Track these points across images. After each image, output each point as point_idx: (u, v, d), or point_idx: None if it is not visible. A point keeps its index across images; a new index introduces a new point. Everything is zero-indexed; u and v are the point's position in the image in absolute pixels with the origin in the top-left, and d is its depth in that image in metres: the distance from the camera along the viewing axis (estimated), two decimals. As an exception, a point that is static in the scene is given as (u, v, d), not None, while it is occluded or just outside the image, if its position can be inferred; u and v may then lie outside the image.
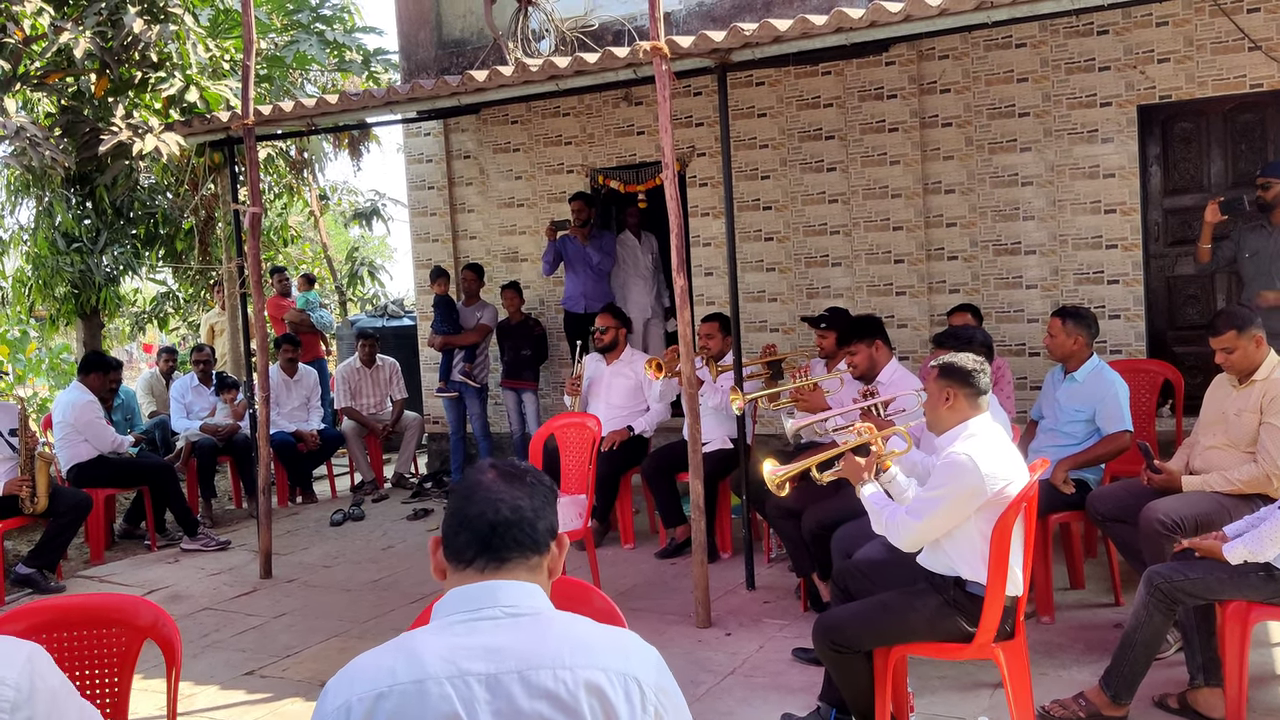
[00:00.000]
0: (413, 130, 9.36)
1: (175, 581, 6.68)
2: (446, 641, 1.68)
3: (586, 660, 1.67)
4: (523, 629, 1.70)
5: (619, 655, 1.70)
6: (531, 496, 1.80)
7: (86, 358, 7.97)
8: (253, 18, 6.50)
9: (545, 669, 1.65)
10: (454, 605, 1.73)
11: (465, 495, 1.80)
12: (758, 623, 5.19)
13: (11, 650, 1.90)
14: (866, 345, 5.12)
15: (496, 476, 1.81)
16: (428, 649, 1.67)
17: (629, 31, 7.75)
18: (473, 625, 1.70)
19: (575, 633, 1.72)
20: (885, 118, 7.45)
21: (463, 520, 1.77)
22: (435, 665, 1.64)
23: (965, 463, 3.47)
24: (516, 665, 1.65)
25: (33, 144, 6.47)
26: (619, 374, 6.92)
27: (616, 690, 1.66)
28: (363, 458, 9.08)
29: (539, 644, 1.68)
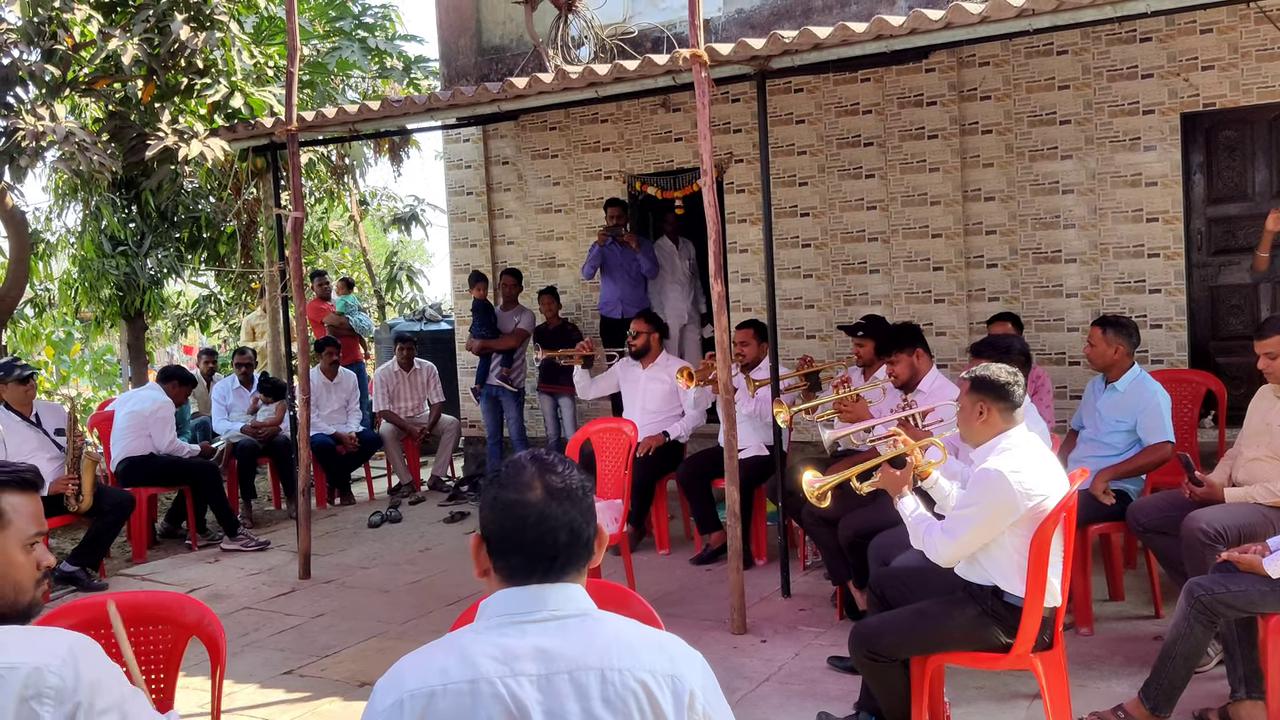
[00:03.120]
0: (452, 136, 9.44)
1: (215, 581, 6.77)
2: (497, 642, 1.70)
3: (634, 662, 1.69)
4: (571, 631, 1.72)
5: (665, 658, 1.73)
6: (580, 509, 1.79)
7: (171, 367, 8.20)
8: (296, 25, 6.59)
9: (594, 670, 1.68)
10: (502, 608, 1.74)
11: (518, 516, 1.76)
12: (793, 630, 5.19)
13: (55, 640, 1.93)
14: (907, 354, 5.10)
15: (545, 495, 1.76)
16: (479, 650, 1.69)
17: (667, 38, 7.78)
18: (523, 628, 1.72)
19: (623, 635, 1.74)
20: (925, 124, 7.43)
21: (518, 544, 1.75)
22: (488, 665, 1.67)
23: (998, 478, 3.45)
24: (566, 666, 1.68)
25: (81, 149, 6.59)
26: (654, 379, 6.93)
27: (664, 691, 1.69)
28: (400, 460, 9.15)
29: (588, 646, 1.70)
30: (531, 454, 1.84)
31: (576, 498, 1.79)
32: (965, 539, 3.53)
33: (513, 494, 1.77)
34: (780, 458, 5.72)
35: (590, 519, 1.81)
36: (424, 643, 4.31)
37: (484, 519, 1.81)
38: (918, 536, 3.70)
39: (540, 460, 1.83)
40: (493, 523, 1.79)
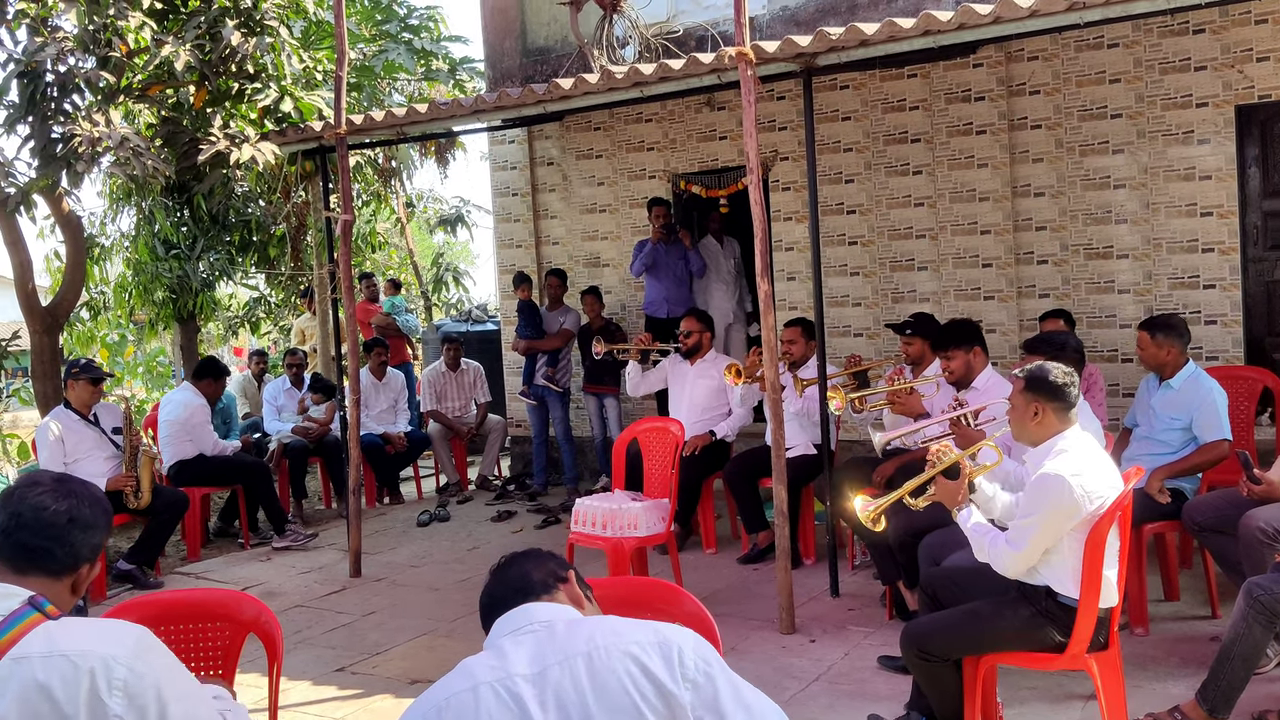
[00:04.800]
0: (498, 138, 9.50)
1: (268, 579, 6.86)
2: (494, 654, 1.89)
3: (617, 640, 1.84)
4: (559, 634, 1.89)
5: (650, 630, 1.87)
6: (517, 566, 2.07)
7: (202, 363, 8.29)
8: (345, 29, 6.66)
9: (580, 655, 1.82)
10: (498, 630, 1.96)
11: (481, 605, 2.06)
12: (842, 630, 5.16)
13: (122, 632, 1.97)
14: (964, 351, 5.04)
15: (490, 577, 2.09)
16: (478, 663, 1.88)
17: (712, 37, 7.77)
18: (516, 640, 1.90)
19: (607, 622, 1.91)
20: (973, 120, 7.36)
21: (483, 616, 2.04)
22: (485, 673, 1.85)
23: (1059, 483, 3.39)
24: (556, 659, 1.83)
25: (136, 154, 6.70)
26: (703, 376, 6.92)
27: (652, 656, 1.82)
28: (448, 460, 9.22)
29: (573, 637, 1.87)
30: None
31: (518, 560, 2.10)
32: (1030, 548, 3.47)
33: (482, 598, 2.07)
34: (828, 457, 5.69)
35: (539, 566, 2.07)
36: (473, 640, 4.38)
37: None
38: (981, 549, 3.62)
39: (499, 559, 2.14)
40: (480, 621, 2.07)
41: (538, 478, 8.93)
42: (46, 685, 1.85)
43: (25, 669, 1.86)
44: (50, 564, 2.01)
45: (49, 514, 2.02)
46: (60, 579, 2.04)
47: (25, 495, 2.04)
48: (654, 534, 5.66)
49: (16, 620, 1.91)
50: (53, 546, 2.01)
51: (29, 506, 2.02)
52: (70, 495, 2.07)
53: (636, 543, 5.59)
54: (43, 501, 2.03)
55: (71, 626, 1.94)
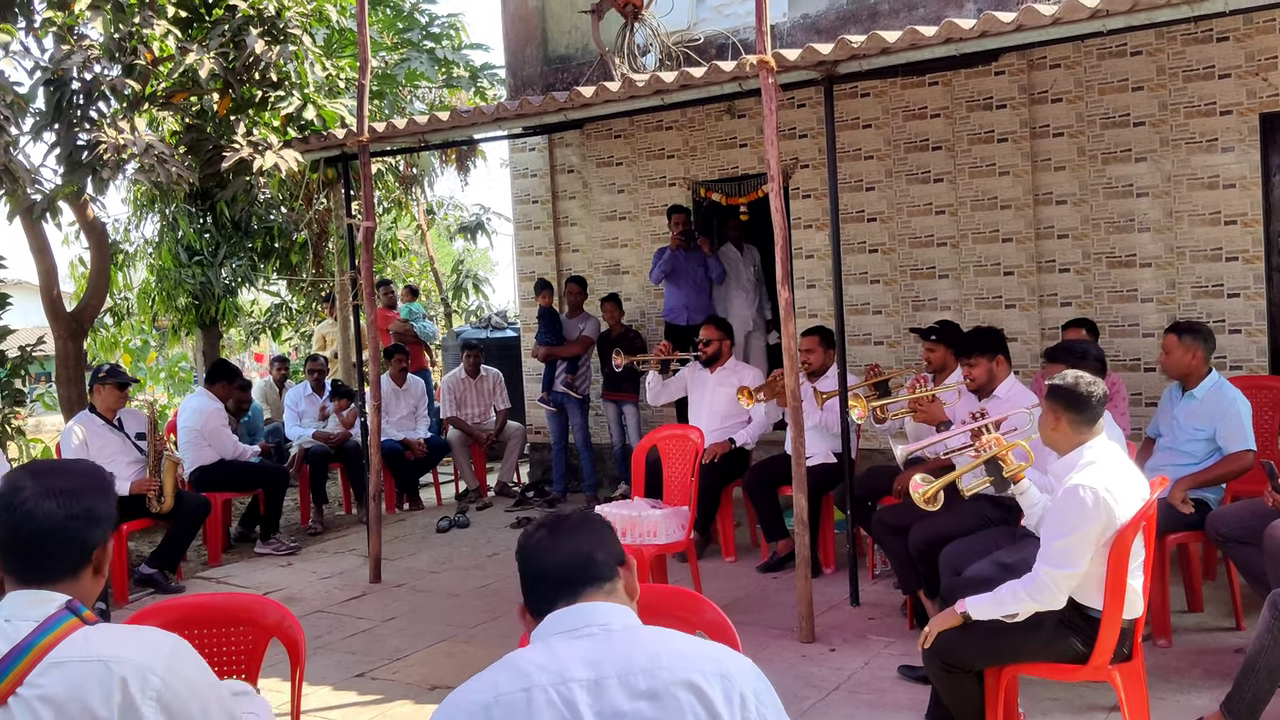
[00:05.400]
0: (518, 145, 9.53)
1: (288, 584, 6.89)
2: (547, 654, 1.79)
3: (682, 664, 1.76)
4: (617, 640, 1.80)
5: (713, 660, 1.79)
6: (579, 538, 1.94)
7: (214, 367, 8.35)
8: (368, 38, 6.70)
9: (642, 672, 1.74)
10: (551, 627, 1.86)
11: (526, 558, 1.94)
12: (862, 639, 5.15)
13: (158, 641, 1.97)
14: (988, 359, 5.02)
15: (546, 534, 1.95)
16: (530, 662, 1.78)
17: (733, 44, 7.78)
18: (571, 642, 1.81)
19: (669, 641, 1.82)
20: (994, 128, 7.34)
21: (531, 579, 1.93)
22: (539, 675, 1.75)
23: (1089, 499, 3.36)
24: (615, 670, 1.75)
25: (160, 161, 6.75)
26: (723, 383, 6.92)
27: (714, 689, 1.74)
28: (467, 466, 9.24)
29: (635, 650, 1.78)
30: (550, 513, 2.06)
31: (579, 525, 1.97)
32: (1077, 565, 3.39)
33: (526, 540, 1.97)
34: (849, 465, 5.68)
35: (599, 543, 1.94)
36: (493, 647, 4.37)
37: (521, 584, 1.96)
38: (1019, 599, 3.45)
39: (554, 514, 2.03)
40: (520, 573, 1.95)
41: (557, 484, 8.94)
42: (83, 691, 1.86)
43: (63, 673, 1.87)
44: (60, 569, 1.97)
45: (35, 524, 1.94)
46: (78, 575, 2.00)
47: (12, 506, 1.95)
48: (673, 541, 5.66)
49: (54, 625, 1.91)
50: (52, 558, 1.96)
51: (18, 519, 1.94)
52: (53, 493, 1.96)
53: (656, 550, 5.59)
54: (30, 510, 1.95)
55: (109, 633, 1.95)
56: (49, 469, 2.04)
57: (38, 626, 1.90)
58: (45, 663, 1.87)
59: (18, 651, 1.88)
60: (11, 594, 1.97)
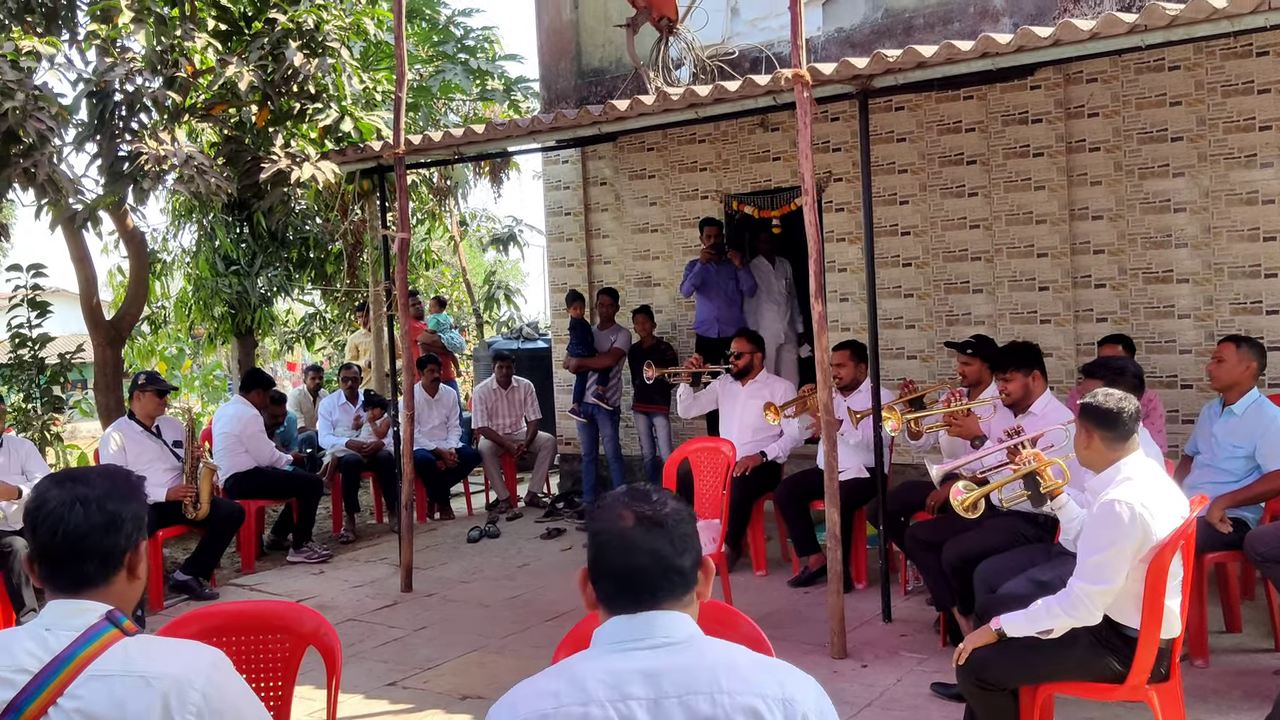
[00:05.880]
0: (551, 158, 9.57)
1: (321, 592, 6.93)
2: (606, 667, 1.74)
3: (743, 686, 1.71)
4: (679, 655, 1.75)
5: (775, 682, 1.74)
6: (671, 539, 1.81)
7: (249, 375, 8.44)
8: (405, 51, 6.76)
9: (703, 694, 1.70)
10: (613, 635, 1.79)
11: (604, 544, 1.82)
12: (895, 655, 5.12)
13: (197, 655, 1.97)
14: (1024, 374, 4.99)
15: (634, 523, 1.81)
16: (589, 675, 1.73)
17: (766, 58, 7.79)
18: (631, 653, 1.75)
19: (732, 659, 1.76)
20: (1030, 142, 7.30)
21: (605, 570, 1.82)
22: (598, 690, 1.71)
23: (1125, 514, 3.34)
24: (675, 690, 1.70)
25: (199, 172, 6.84)
26: (754, 396, 6.90)
27: (775, 715, 1.69)
28: (498, 476, 9.27)
29: (696, 669, 1.72)
30: (630, 486, 1.89)
31: (667, 525, 1.81)
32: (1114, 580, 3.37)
33: (604, 524, 1.83)
34: (882, 480, 5.65)
35: (685, 548, 1.82)
36: (523, 658, 4.36)
37: (587, 551, 1.86)
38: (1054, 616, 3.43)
39: (634, 491, 1.87)
40: (590, 552, 1.85)
41: (587, 495, 8.96)
42: (122, 704, 1.87)
43: (104, 686, 1.88)
44: (92, 580, 1.97)
45: (63, 535, 1.94)
46: (112, 579, 2.00)
47: (39, 518, 1.97)
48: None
49: (95, 636, 1.92)
50: (83, 566, 1.97)
51: (45, 533, 1.96)
52: (78, 503, 1.97)
53: (687, 563, 5.56)
54: (55, 522, 1.96)
55: (149, 645, 1.96)
56: (74, 476, 2.04)
57: (78, 637, 1.91)
58: (85, 675, 1.88)
59: (58, 663, 1.89)
60: (52, 603, 1.98)
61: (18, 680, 1.88)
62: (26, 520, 2.01)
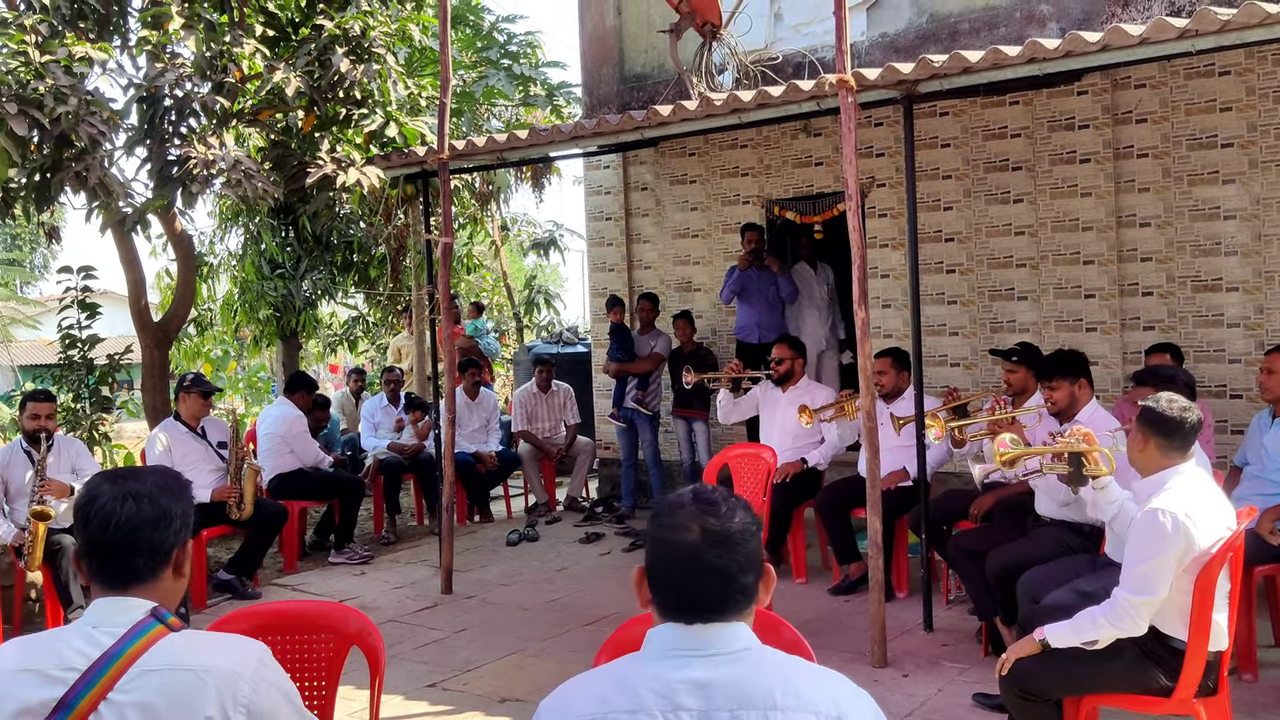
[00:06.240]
0: (593, 163, 9.60)
1: (362, 593, 6.98)
2: (658, 674, 1.71)
3: (797, 703, 1.67)
4: (734, 667, 1.71)
5: (830, 700, 1.70)
6: (739, 557, 1.74)
7: (293, 378, 8.55)
8: (450, 57, 6.81)
9: (756, 710, 1.66)
10: (667, 641, 1.75)
11: (668, 556, 1.76)
12: (936, 665, 5.07)
13: (245, 649, 2.00)
14: (1070, 382, 4.93)
15: (701, 539, 1.74)
16: (641, 680, 1.71)
17: (810, 63, 7.77)
18: (685, 661, 1.71)
19: (787, 674, 1.72)
20: (1076, 148, 7.22)
21: (666, 583, 1.76)
22: (649, 698, 1.68)
23: (1169, 523, 3.29)
24: (728, 704, 1.67)
25: (247, 176, 6.92)
26: (795, 403, 6.87)
27: None
28: (537, 480, 9.30)
29: (750, 683, 1.69)
30: (695, 491, 1.81)
31: (735, 543, 1.74)
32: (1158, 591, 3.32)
33: (668, 533, 1.76)
34: (924, 488, 5.61)
35: (751, 565, 1.76)
36: (562, 661, 4.34)
37: (646, 552, 1.81)
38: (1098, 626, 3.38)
39: (702, 499, 1.79)
40: (650, 558, 1.80)
41: (626, 500, 8.96)
42: (173, 697, 1.90)
43: (154, 681, 1.91)
44: (139, 575, 2.00)
45: (113, 530, 1.98)
46: (158, 576, 2.02)
47: (90, 513, 2.00)
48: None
49: (141, 632, 1.95)
50: (131, 560, 1.99)
51: (96, 527, 1.99)
52: (129, 497, 2.00)
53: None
54: (105, 516, 1.99)
55: (196, 640, 1.99)
56: (124, 474, 2.08)
57: (125, 633, 1.94)
58: (135, 669, 1.91)
59: (106, 659, 1.92)
60: (97, 601, 2.01)
61: (67, 678, 1.91)
62: (77, 515, 2.04)
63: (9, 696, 1.91)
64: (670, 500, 1.81)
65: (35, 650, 1.97)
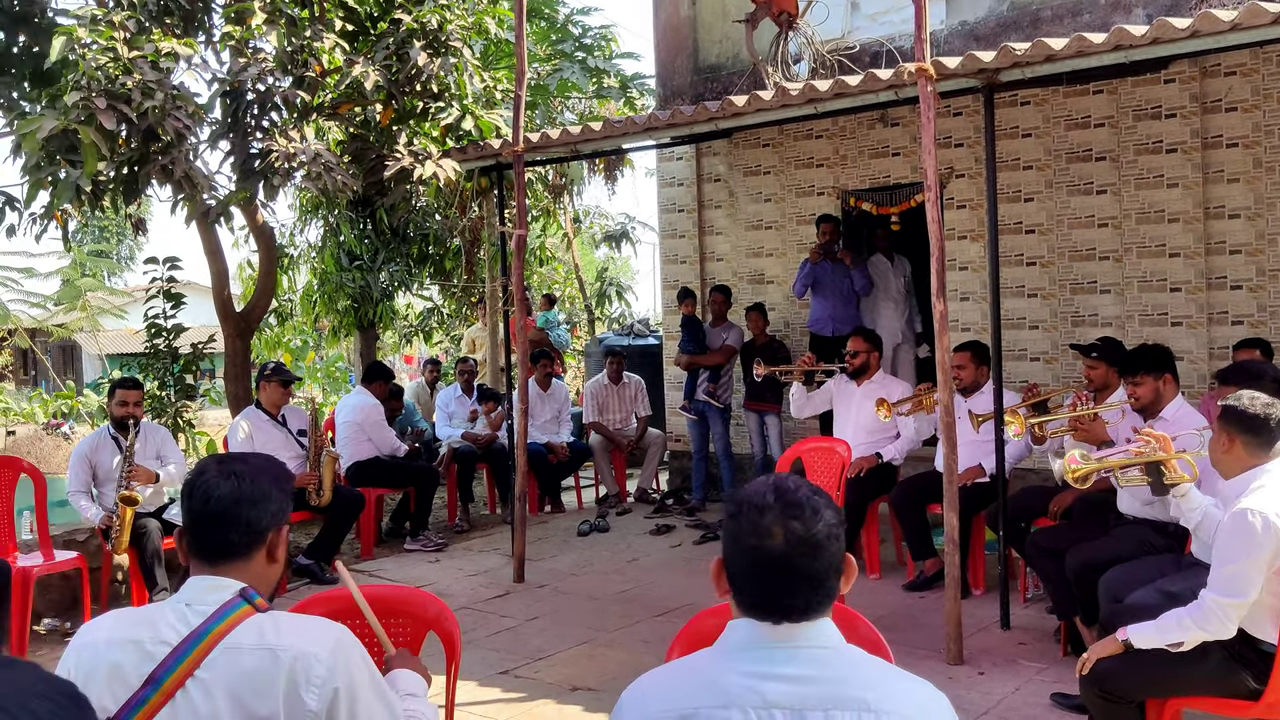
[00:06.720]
0: (666, 154, 9.59)
1: (436, 580, 7.07)
2: (747, 671, 1.68)
3: (890, 705, 1.65)
4: (824, 666, 1.69)
5: (916, 705, 1.68)
6: (824, 559, 1.70)
7: (370, 368, 8.69)
8: (525, 50, 6.85)
9: (850, 710, 1.64)
10: (752, 637, 1.72)
11: (750, 559, 1.71)
12: (1013, 664, 4.99)
13: (324, 631, 2.04)
14: (1154, 378, 4.80)
15: (785, 544, 1.68)
16: (730, 678, 1.68)
17: (887, 52, 7.67)
18: (772, 658, 1.69)
19: (876, 675, 1.70)
20: (1163, 138, 7.04)
21: (748, 585, 1.73)
22: (740, 695, 1.66)
23: (1258, 524, 3.19)
24: (820, 702, 1.65)
25: (326, 169, 7.03)
26: (869, 397, 6.80)
27: None
28: (608, 471, 9.34)
29: (840, 683, 1.67)
30: (776, 487, 1.75)
31: (821, 547, 1.69)
32: (1248, 594, 3.23)
33: (752, 540, 1.70)
34: (1002, 484, 5.51)
35: (835, 566, 1.72)
36: (633, 652, 4.32)
37: (724, 549, 1.78)
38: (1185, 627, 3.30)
39: (785, 498, 1.72)
40: (731, 559, 1.75)
41: (696, 493, 8.95)
42: (252, 676, 1.95)
43: (235, 660, 1.96)
44: (234, 550, 2.06)
45: (213, 502, 2.05)
46: (251, 556, 2.08)
47: (195, 487, 2.08)
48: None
49: (229, 611, 2.00)
50: (228, 533, 2.05)
51: (199, 500, 2.06)
52: (232, 475, 2.08)
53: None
54: (208, 490, 2.06)
55: (279, 621, 2.03)
56: (231, 457, 2.17)
57: (214, 612, 2.00)
58: (220, 648, 1.96)
59: (194, 636, 1.97)
60: (192, 579, 2.07)
61: (158, 653, 1.97)
62: (183, 491, 2.12)
63: (105, 664, 1.98)
64: (751, 499, 1.74)
65: (133, 622, 2.05)
